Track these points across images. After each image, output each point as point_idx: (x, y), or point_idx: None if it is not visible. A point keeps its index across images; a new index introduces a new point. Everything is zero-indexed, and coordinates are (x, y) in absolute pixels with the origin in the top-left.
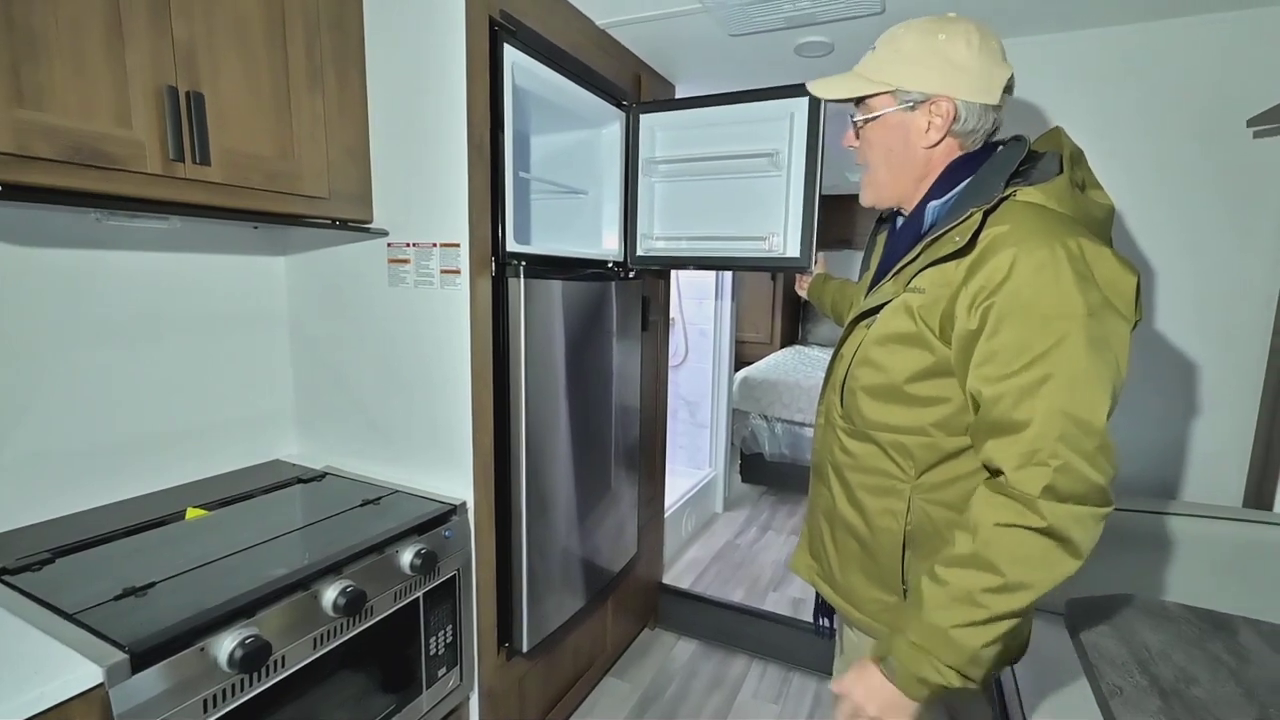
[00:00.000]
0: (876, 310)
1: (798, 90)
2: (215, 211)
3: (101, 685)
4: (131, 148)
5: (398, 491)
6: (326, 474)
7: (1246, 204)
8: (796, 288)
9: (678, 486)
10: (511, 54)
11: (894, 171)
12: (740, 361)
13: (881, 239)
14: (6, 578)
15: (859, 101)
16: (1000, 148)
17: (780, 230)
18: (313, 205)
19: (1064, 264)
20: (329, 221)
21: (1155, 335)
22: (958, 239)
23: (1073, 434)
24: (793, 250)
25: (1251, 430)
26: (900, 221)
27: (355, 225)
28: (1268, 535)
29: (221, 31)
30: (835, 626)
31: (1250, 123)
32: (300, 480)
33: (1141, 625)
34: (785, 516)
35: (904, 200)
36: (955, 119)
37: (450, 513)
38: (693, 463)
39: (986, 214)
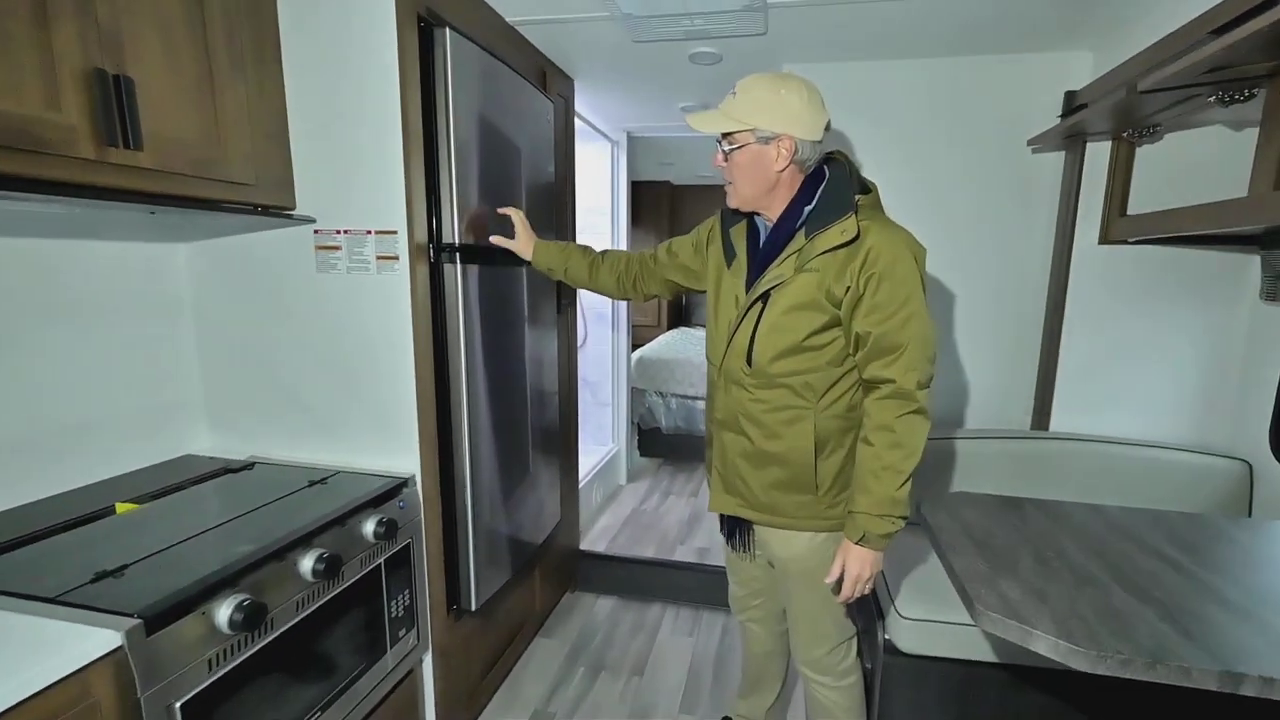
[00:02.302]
0: (766, 292)
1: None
2: (146, 198)
3: (121, 648)
4: (65, 133)
5: (340, 472)
6: (254, 463)
7: (1029, 200)
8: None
9: (585, 463)
10: (448, 44)
11: (753, 187)
12: (634, 343)
13: (741, 238)
14: None
15: (725, 135)
16: (829, 165)
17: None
18: (237, 191)
19: (906, 249)
20: (251, 207)
21: (968, 300)
22: (845, 233)
23: (925, 349)
24: None
25: (1036, 370)
26: (765, 226)
27: (277, 211)
28: (1045, 447)
29: (144, 15)
30: (748, 542)
31: (1029, 142)
32: (228, 470)
33: (964, 508)
34: (684, 482)
35: (760, 206)
36: (795, 152)
37: (402, 485)
38: (596, 440)
39: (855, 212)
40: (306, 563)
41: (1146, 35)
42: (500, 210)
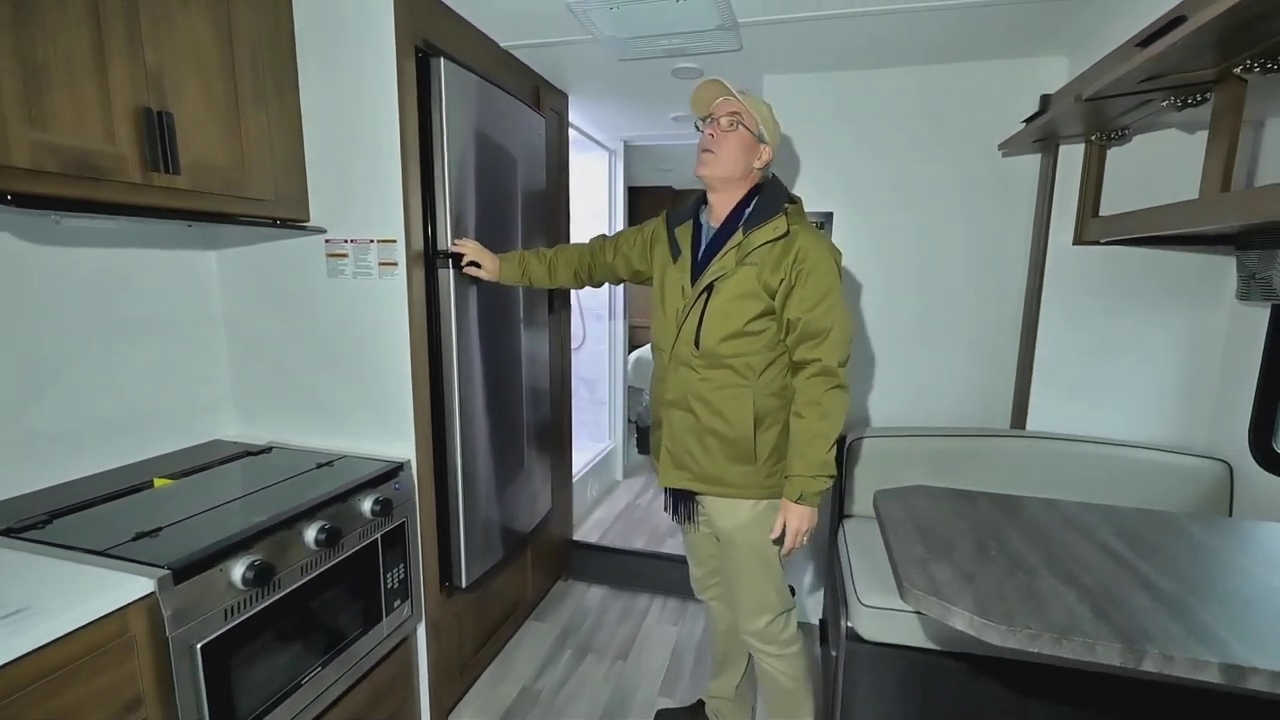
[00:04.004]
0: (711, 283)
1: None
2: (182, 214)
3: (154, 594)
4: (117, 162)
5: (345, 456)
6: (272, 447)
7: (1008, 200)
8: (474, 272)
9: (581, 458)
10: (443, 73)
11: (733, 166)
12: (632, 344)
13: (686, 237)
14: (13, 536)
15: (732, 112)
16: (772, 176)
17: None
18: (259, 207)
19: (829, 251)
20: (271, 221)
21: (948, 299)
22: (776, 230)
23: (845, 334)
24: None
25: (1014, 368)
26: (709, 226)
27: (294, 224)
28: (1022, 446)
29: (182, 57)
30: (692, 513)
31: (1000, 146)
32: (249, 453)
33: (918, 500)
34: None
35: (722, 186)
36: (769, 162)
37: (398, 469)
38: (594, 437)
39: (784, 214)
40: (310, 533)
41: (1117, 41)
42: (453, 246)
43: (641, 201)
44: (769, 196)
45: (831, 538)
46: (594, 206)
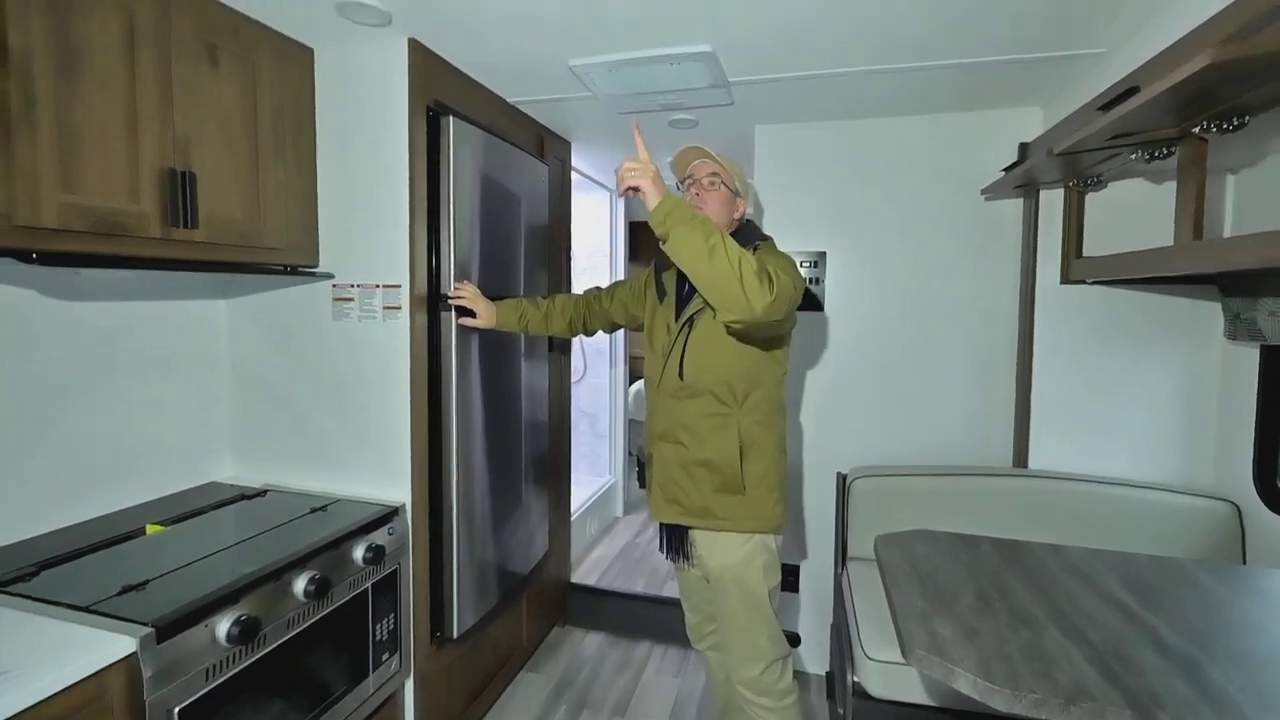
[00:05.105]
0: (691, 318)
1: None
2: (196, 265)
3: (134, 654)
4: (139, 219)
5: (340, 500)
6: (268, 490)
7: (996, 240)
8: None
9: (580, 494)
10: (451, 129)
11: (720, 217)
12: (633, 376)
13: (672, 279)
14: (1, 591)
15: (712, 172)
16: (746, 221)
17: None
18: (271, 255)
19: (789, 257)
20: (282, 268)
21: (943, 337)
22: None
23: (793, 280)
24: None
25: (1011, 404)
26: None
27: (304, 270)
28: (1024, 485)
29: (210, 120)
30: (684, 549)
31: (982, 192)
32: (244, 497)
33: (919, 546)
34: None
35: None
36: (744, 212)
37: (392, 513)
38: (594, 471)
39: (755, 249)
40: (299, 584)
41: (1087, 93)
42: (452, 296)
43: (642, 236)
44: (743, 237)
45: (835, 583)
46: (595, 244)
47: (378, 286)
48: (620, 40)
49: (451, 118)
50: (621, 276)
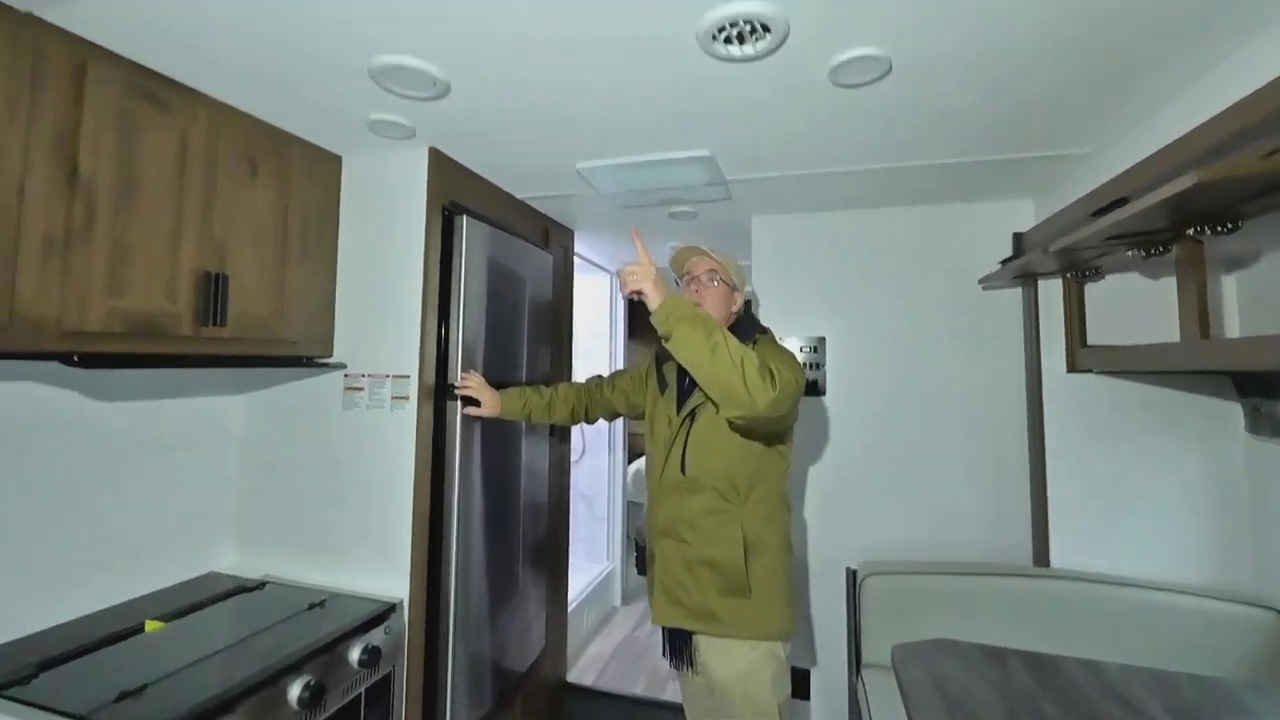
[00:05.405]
0: (693, 411)
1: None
2: (221, 361)
3: None
4: (174, 319)
5: (338, 595)
6: (266, 582)
7: (991, 328)
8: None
9: (578, 582)
10: (464, 227)
11: (719, 312)
12: (632, 454)
13: (673, 371)
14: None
15: (710, 269)
16: (744, 312)
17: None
18: (290, 347)
19: (787, 349)
20: (299, 359)
21: (949, 428)
22: None
23: (792, 381)
24: None
25: (1029, 497)
26: None
27: (320, 361)
28: (1048, 587)
29: (245, 226)
30: (688, 655)
31: (980, 281)
32: (243, 589)
33: (942, 661)
34: None
35: None
36: (742, 305)
37: (389, 610)
38: (591, 556)
39: (754, 343)
40: (294, 690)
41: (1076, 188)
42: (458, 387)
43: (641, 315)
44: (743, 330)
45: (850, 693)
46: (595, 327)
47: (388, 377)
48: (624, 146)
49: (465, 216)
50: (621, 355)
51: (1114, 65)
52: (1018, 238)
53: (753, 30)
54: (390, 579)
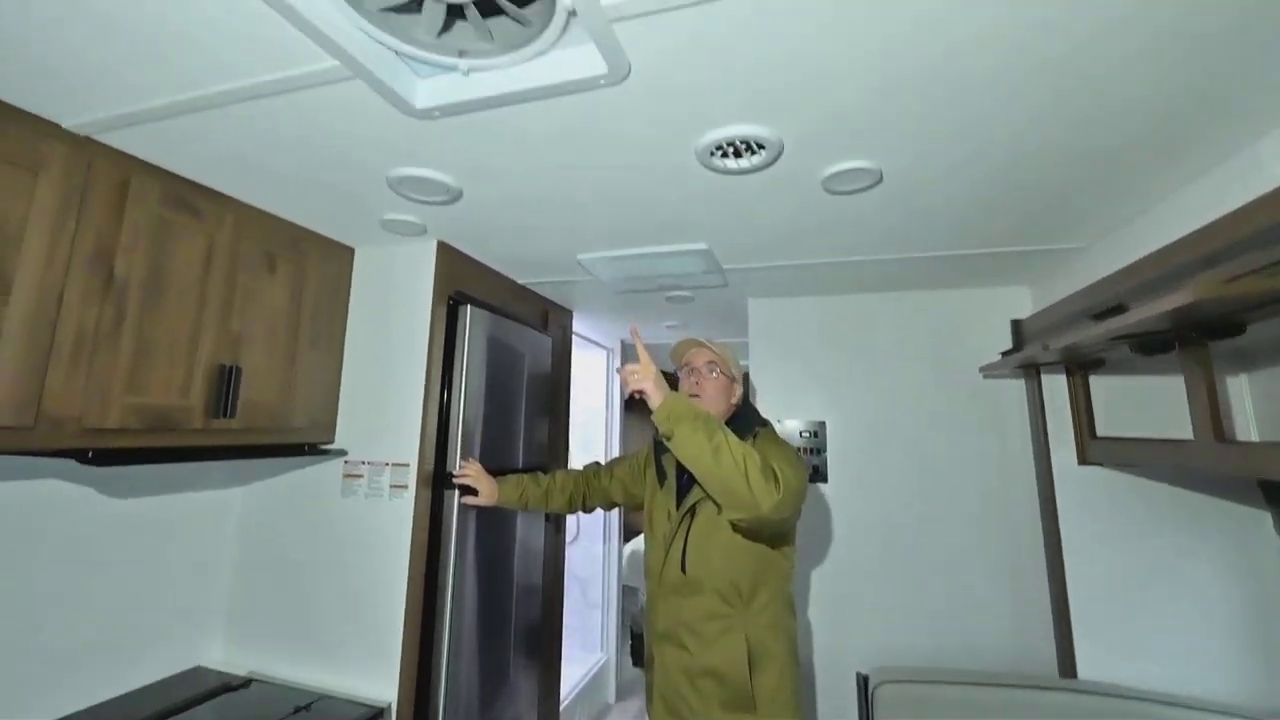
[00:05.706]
0: (694, 506)
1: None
2: (228, 453)
3: None
4: (187, 413)
5: (325, 697)
6: (252, 680)
7: (994, 417)
8: (472, 501)
9: (570, 675)
10: (468, 316)
11: (718, 403)
12: (627, 533)
13: (672, 463)
14: None
15: (710, 360)
16: (744, 403)
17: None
18: (294, 434)
19: (787, 444)
20: (302, 447)
21: (960, 518)
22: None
23: (796, 486)
24: None
25: (1047, 594)
26: None
27: (322, 448)
28: (1077, 703)
29: (261, 319)
30: None
31: (981, 369)
32: (228, 688)
33: None
34: None
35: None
36: (741, 397)
37: (377, 716)
38: (585, 646)
39: (755, 436)
40: None
41: (1073, 278)
42: (457, 475)
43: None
44: (742, 422)
45: None
46: (591, 403)
47: (387, 465)
48: (624, 241)
49: (469, 306)
50: (617, 430)
51: (1103, 169)
52: (1016, 325)
53: (748, 147)
54: (380, 681)
